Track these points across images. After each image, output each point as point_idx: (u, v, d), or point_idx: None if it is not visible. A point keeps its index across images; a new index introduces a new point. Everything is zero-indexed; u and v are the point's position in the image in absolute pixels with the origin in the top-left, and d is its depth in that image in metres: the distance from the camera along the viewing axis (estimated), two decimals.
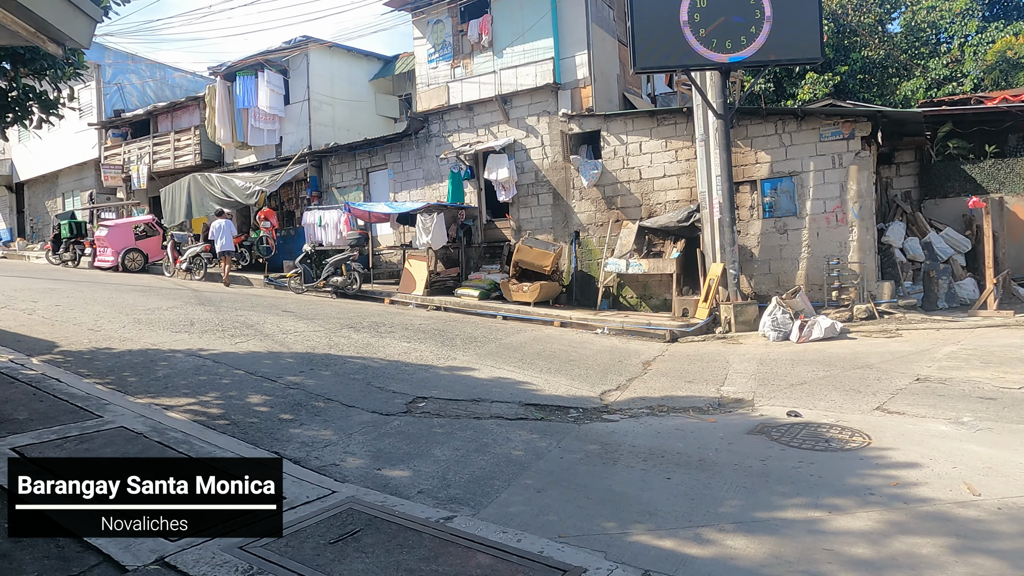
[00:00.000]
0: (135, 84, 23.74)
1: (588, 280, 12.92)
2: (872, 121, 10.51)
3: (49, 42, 2.94)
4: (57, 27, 2.77)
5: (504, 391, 6.44)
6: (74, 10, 2.85)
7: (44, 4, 2.64)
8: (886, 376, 6.79)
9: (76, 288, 12.49)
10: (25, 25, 2.71)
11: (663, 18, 9.96)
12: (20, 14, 2.62)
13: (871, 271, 10.46)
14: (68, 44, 3.13)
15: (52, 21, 2.72)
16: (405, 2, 15.05)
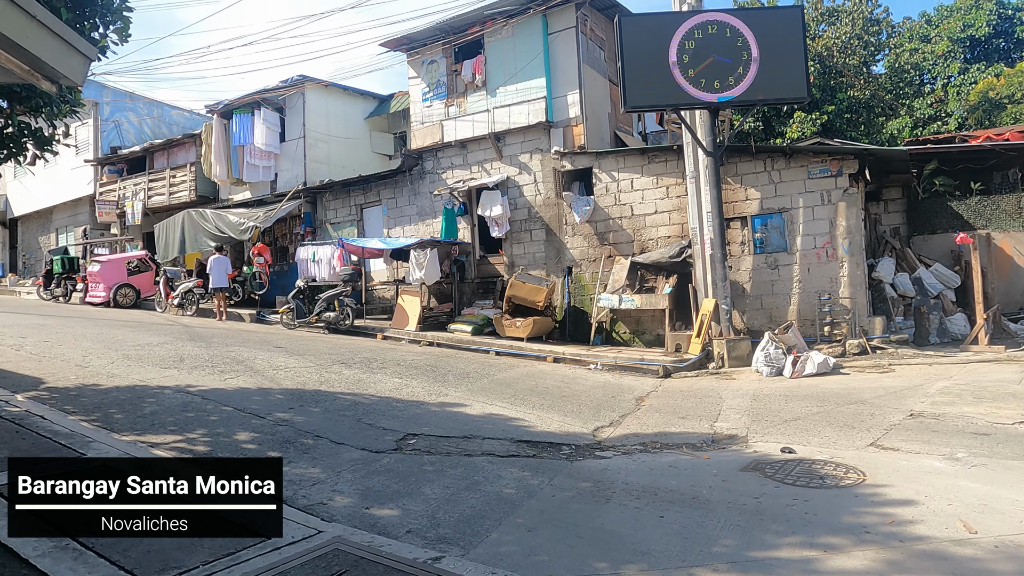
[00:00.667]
0: (132, 122, 23.97)
1: (581, 315, 12.92)
2: (859, 159, 10.69)
3: (43, 80, 2.98)
4: (52, 65, 2.81)
5: (496, 428, 6.37)
6: (69, 49, 2.90)
7: (39, 43, 2.69)
8: (880, 412, 6.76)
9: (66, 324, 12.40)
10: (19, 63, 2.74)
11: (652, 59, 10.18)
12: (15, 52, 2.65)
13: (862, 306, 10.50)
14: (62, 82, 3.17)
15: (46, 59, 2.76)
16: (400, 43, 15.34)
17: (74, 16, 5.44)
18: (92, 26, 5.85)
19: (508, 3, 13.38)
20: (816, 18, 21.01)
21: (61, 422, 5.33)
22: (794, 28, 10.29)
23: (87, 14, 5.74)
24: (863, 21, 20.45)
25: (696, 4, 10.82)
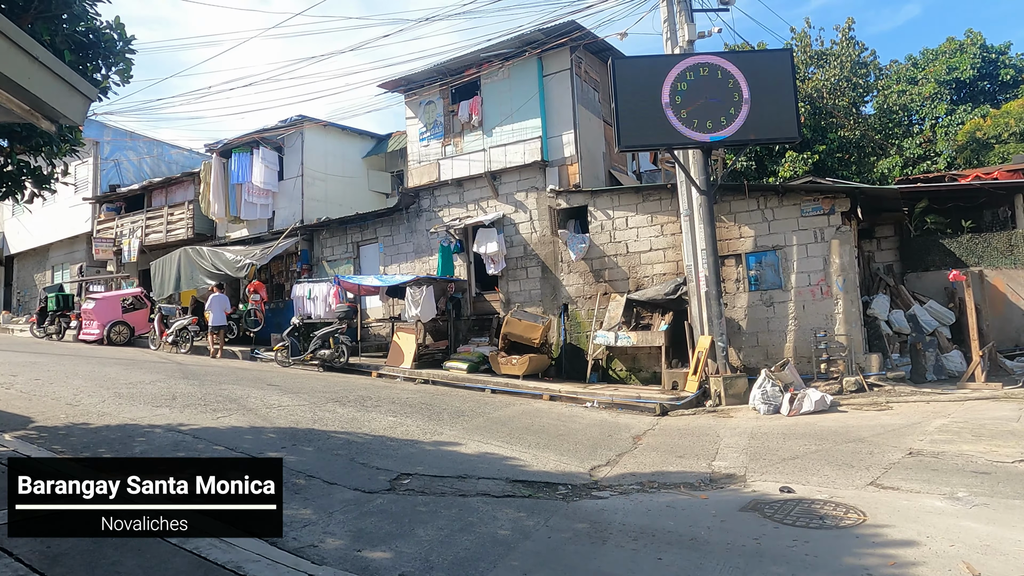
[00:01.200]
0: (132, 160, 24.20)
1: (577, 353, 12.88)
2: (851, 197, 10.82)
3: (43, 119, 3.02)
4: (52, 105, 2.86)
5: (491, 467, 6.29)
6: (69, 89, 2.95)
7: (40, 84, 2.73)
8: (878, 450, 6.70)
9: (58, 361, 12.29)
10: (20, 103, 2.79)
11: (646, 100, 10.37)
12: (16, 93, 2.70)
13: (858, 343, 10.50)
14: (63, 122, 3.22)
15: (47, 99, 2.81)
16: (398, 84, 15.62)
17: (77, 58, 5.54)
18: (95, 67, 5.96)
19: (504, 46, 13.68)
20: (805, 61, 21.50)
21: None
22: (783, 70, 10.53)
23: (90, 56, 5.85)
24: (851, 64, 20.92)
25: (687, 48, 11.08)
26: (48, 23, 4.96)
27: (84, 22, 5.54)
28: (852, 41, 21.45)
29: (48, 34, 4.99)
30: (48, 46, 5.22)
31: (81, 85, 3.05)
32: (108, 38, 5.87)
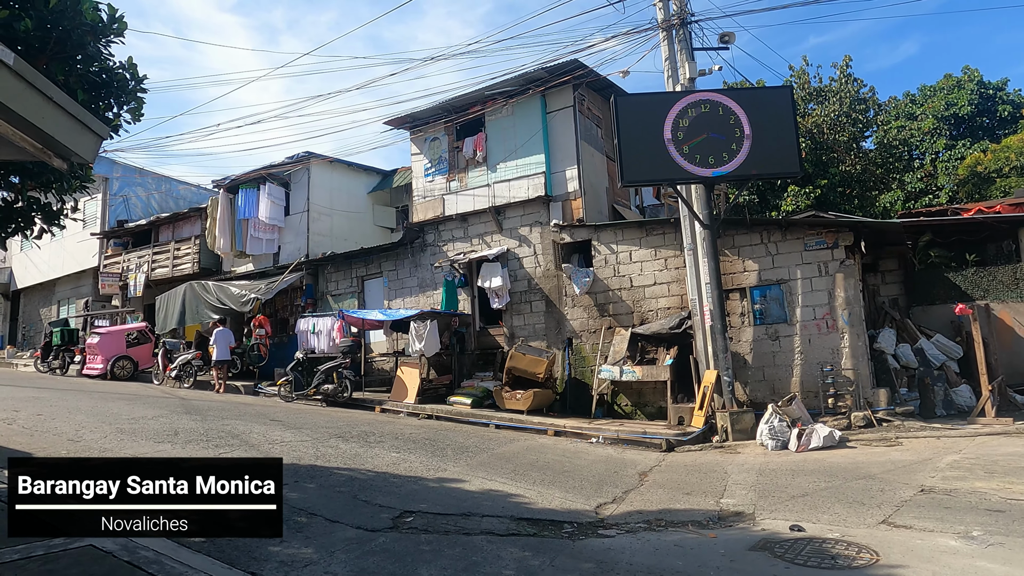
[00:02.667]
0: (140, 196, 24.51)
1: (582, 387, 12.79)
2: (854, 231, 10.84)
3: (55, 157, 3.07)
4: (63, 143, 2.91)
5: (495, 504, 6.19)
6: (81, 128, 3.00)
7: (51, 122, 2.79)
8: (889, 487, 6.59)
9: (61, 397, 12.26)
10: (33, 142, 2.84)
11: (648, 135, 10.49)
12: (28, 131, 2.75)
13: (865, 378, 10.40)
14: (74, 159, 3.27)
15: (58, 138, 2.86)
16: (404, 121, 15.86)
17: (90, 97, 5.65)
18: (107, 106, 6.06)
19: (508, 84, 13.91)
20: (804, 97, 21.81)
21: None
22: (784, 106, 10.67)
23: (103, 94, 5.96)
24: (850, 100, 21.20)
25: (688, 85, 11.25)
26: (63, 63, 5.06)
27: (98, 63, 5.66)
28: (851, 78, 21.79)
29: (62, 74, 5.09)
30: (62, 86, 5.33)
31: (93, 124, 3.11)
32: (120, 78, 5.98)
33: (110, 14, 5.28)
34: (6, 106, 2.49)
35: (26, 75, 2.59)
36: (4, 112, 2.54)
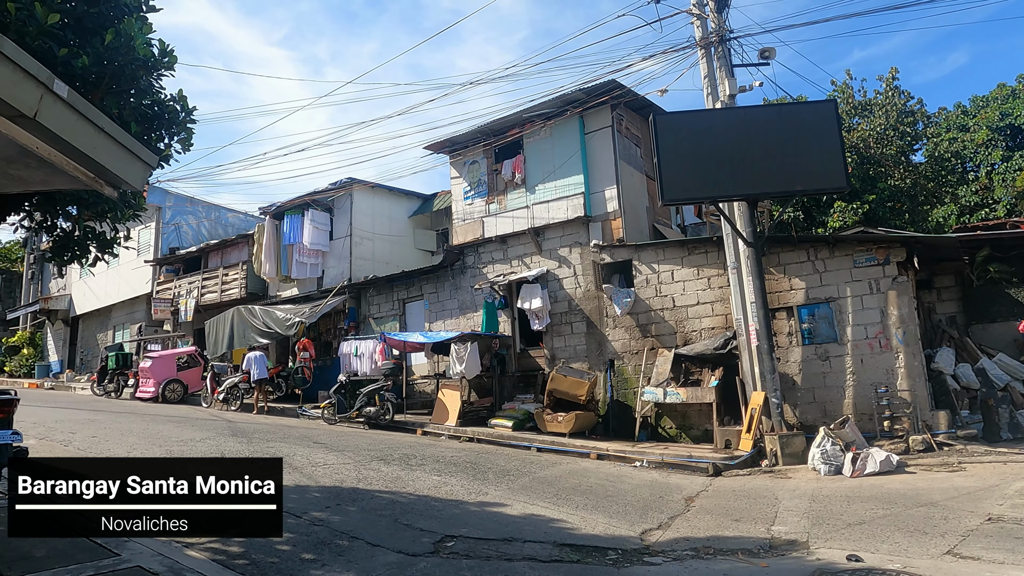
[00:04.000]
0: (191, 224, 25.36)
1: (624, 409, 12.57)
2: (906, 246, 10.47)
3: (106, 186, 3.18)
4: (114, 172, 3.01)
5: (537, 530, 6.08)
6: (131, 156, 3.11)
7: (103, 151, 2.89)
8: (953, 515, 6.24)
9: (115, 419, 12.63)
10: (86, 171, 2.95)
11: (688, 153, 10.34)
12: (81, 160, 2.86)
13: (923, 399, 9.96)
14: (124, 187, 3.39)
15: (110, 167, 2.96)
16: (443, 146, 16.07)
17: (142, 128, 5.87)
18: (159, 137, 6.29)
19: (546, 106, 13.98)
20: (848, 111, 21.32)
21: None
22: (828, 120, 10.40)
23: (155, 126, 6.19)
24: (897, 112, 20.64)
25: (729, 102, 11.12)
26: (117, 97, 5.28)
27: (150, 96, 5.88)
28: (897, 90, 21.22)
29: (116, 107, 5.30)
30: (116, 118, 5.56)
31: (142, 153, 3.22)
32: (171, 109, 6.21)
33: (161, 48, 5.49)
34: (61, 137, 2.60)
35: (79, 107, 2.70)
36: (59, 143, 2.65)
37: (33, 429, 10.62)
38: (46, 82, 2.46)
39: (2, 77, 2.24)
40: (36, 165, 2.83)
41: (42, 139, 2.60)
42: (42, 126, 2.47)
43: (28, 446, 8.88)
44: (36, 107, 2.40)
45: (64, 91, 2.59)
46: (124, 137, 3.10)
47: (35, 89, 2.41)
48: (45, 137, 2.58)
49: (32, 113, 2.40)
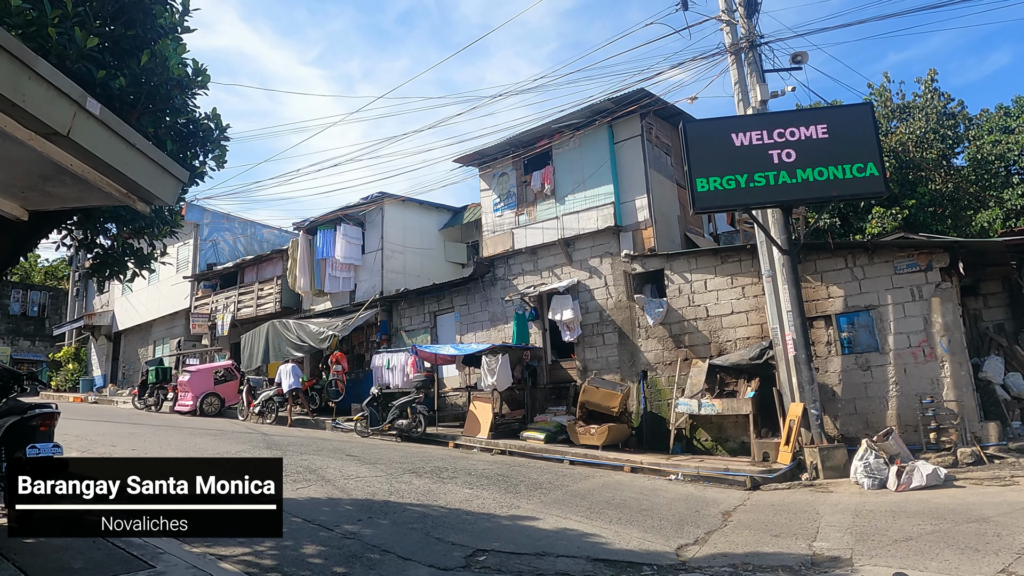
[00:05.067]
0: (228, 240, 25.91)
1: (658, 421, 12.37)
2: (949, 251, 10.13)
3: (138, 201, 3.24)
4: (146, 187, 3.07)
5: (570, 544, 5.98)
6: (162, 172, 3.16)
7: (136, 168, 2.95)
8: (1007, 532, 5.95)
9: (154, 432, 12.88)
10: (119, 187, 3.01)
11: (719, 161, 10.21)
12: (113, 176, 2.91)
13: (971, 410, 9.58)
14: (155, 203, 3.45)
15: (142, 183, 3.02)
16: (473, 158, 16.15)
17: (177, 146, 6.00)
18: (194, 154, 6.42)
19: (574, 117, 13.96)
20: (886, 115, 20.84)
21: None
22: (865, 124, 10.18)
23: (190, 143, 6.33)
24: (936, 115, 20.10)
25: (760, 108, 10.95)
26: (153, 116, 5.40)
27: (184, 115, 6.01)
28: (936, 92, 20.68)
29: (152, 126, 5.43)
30: (152, 137, 5.69)
31: (173, 168, 3.28)
32: (206, 127, 6.34)
33: (195, 68, 5.60)
34: (94, 154, 2.66)
35: (111, 124, 2.76)
36: (92, 160, 2.71)
37: (76, 442, 10.89)
38: (79, 100, 2.52)
39: (36, 96, 2.30)
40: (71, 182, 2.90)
41: (76, 156, 2.66)
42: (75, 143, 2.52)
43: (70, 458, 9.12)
44: (69, 124, 2.46)
45: (96, 109, 2.65)
46: (155, 153, 3.16)
47: (68, 107, 2.47)
48: (78, 154, 2.64)
49: (66, 131, 2.46)
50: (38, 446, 4.94)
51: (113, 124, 2.80)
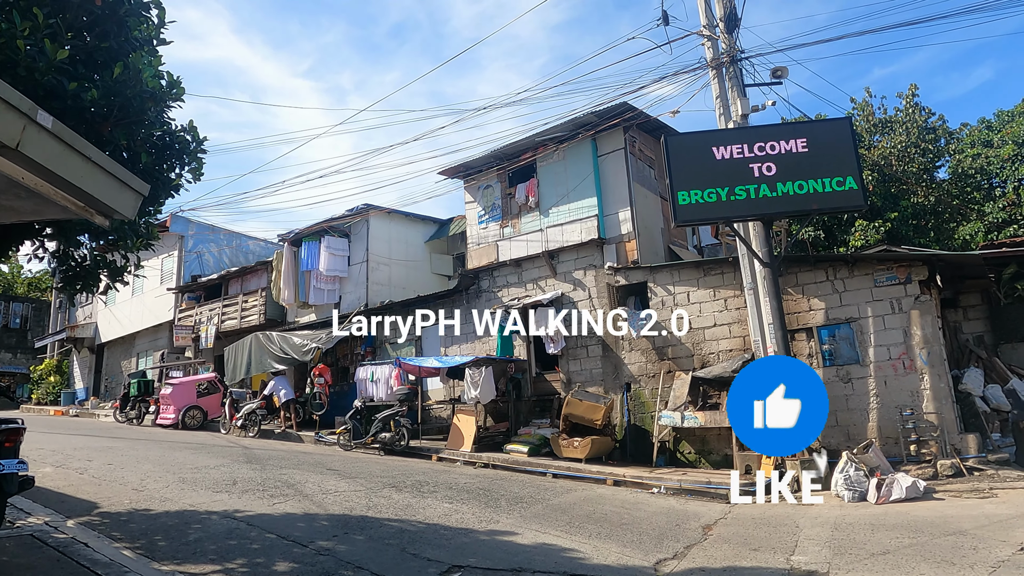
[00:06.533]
0: (212, 252, 25.75)
1: (642, 434, 12.34)
2: (928, 264, 10.22)
3: (96, 215, 3.20)
4: (104, 202, 3.02)
5: (548, 559, 5.92)
6: (121, 186, 3.12)
7: (92, 182, 2.91)
8: (984, 545, 5.96)
9: (132, 446, 12.70)
10: (74, 200, 2.97)
11: (700, 174, 10.27)
12: (70, 191, 2.87)
13: (951, 422, 9.62)
14: (115, 216, 3.40)
15: (99, 196, 2.98)
16: (458, 171, 16.16)
17: (152, 160, 5.95)
18: (170, 167, 6.38)
19: (558, 130, 14.02)
20: (868, 129, 21.07)
21: (103, 550, 5.27)
22: (844, 138, 10.26)
23: (166, 156, 6.29)
24: (918, 129, 20.35)
25: (741, 122, 11.03)
26: (126, 128, 5.36)
27: (160, 127, 5.98)
28: (917, 107, 20.95)
29: (125, 138, 5.39)
30: (126, 149, 5.65)
31: (133, 182, 3.24)
32: (182, 140, 6.30)
33: (169, 80, 5.57)
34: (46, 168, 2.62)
35: (64, 137, 2.72)
36: (45, 173, 2.67)
37: (52, 457, 10.72)
38: (28, 112, 2.49)
39: None
40: (25, 195, 2.86)
41: (28, 169, 2.62)
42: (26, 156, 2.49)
43: (45, 473, 8.97)
44: (19, 138, 2.43)
45: (48, 121, 2.61)
46: (113, 166, 3.12)
47: (17, 120, 2.44)
48: (30, 167, 2.60)
49: (14, 144, 2.43)
50: (2, 462, 4.86)
51: (67, 137, 2.77)
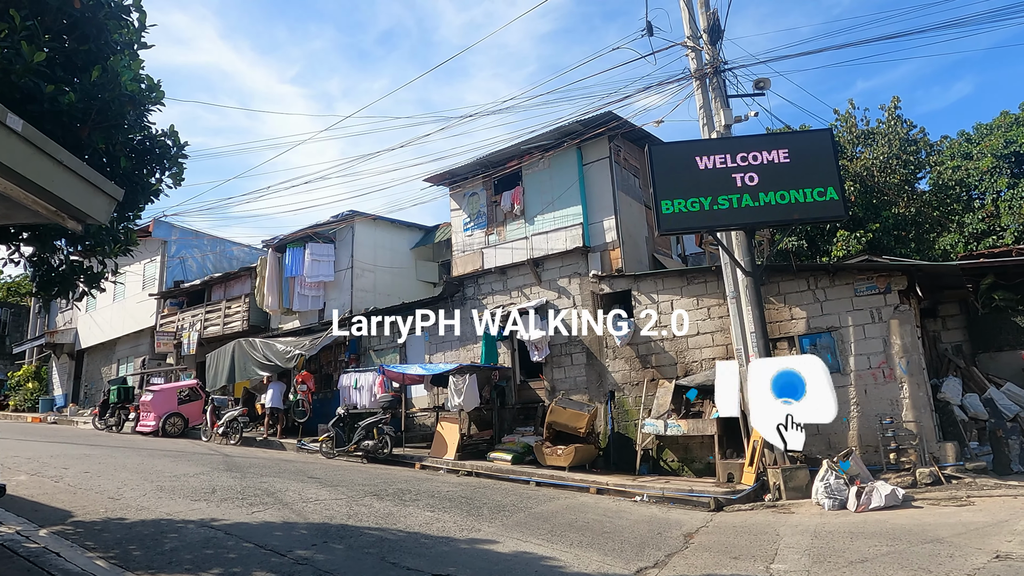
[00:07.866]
0: (196, 257, 25.52)
1: (625, 442, 12.35)
2: (907, 275, 10.34)
3: (69, 219, 3.16)
4: (76, 206, 2.99)
5: (528, 568, 5.89)
6: (94, 190, 3.09)
7: (63, 186, 2.88)
8: (960, 552, 6.01)
9: (110, 454, 12.51)
10: (45, 204, 2.93)
11: (683, 183, 10.33)
12: (40, 195, 2.84)
13: (930, 431, 9.72)
14: (88, 221, 3.36)
15: (71, 201, 2.94)
16: (444, 178, 16.16)
17: (132, 164, 5.89)
18: (150, 172, 6.32)
19: (544, 138, 14.07)
20: (851, 141, 21.35)
21: (76, 560, 5.18)
22: (825, 149, 10.38)
23: (146, 160, 6.22)
24: (900, 141, 20.64)
25: (724, 132, 11.13)
26: (104, 132, 5.30)
27: (140, 131, 5.92)
28: (899, 119, 21.26)
29: (103, 142, 5.33)
30: (104, 153, 5.58)
31: (105, 186, 3.20)
32: (162, 144, 6.24)
33: (149, 84, 5.53)
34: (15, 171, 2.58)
35: (35, 140, 2.69)
36: (14, 177, 2.64)
37: (27, 464, 10.54)
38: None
39: None
40: None
41: None
42: None
43: (19, 482, 8.82)
44: None
45: (18, 125, 2.58)
46: (86, 171, 3.08)
47: None
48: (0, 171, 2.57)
49: None
50: None
51: (38, 141, 2.73)
